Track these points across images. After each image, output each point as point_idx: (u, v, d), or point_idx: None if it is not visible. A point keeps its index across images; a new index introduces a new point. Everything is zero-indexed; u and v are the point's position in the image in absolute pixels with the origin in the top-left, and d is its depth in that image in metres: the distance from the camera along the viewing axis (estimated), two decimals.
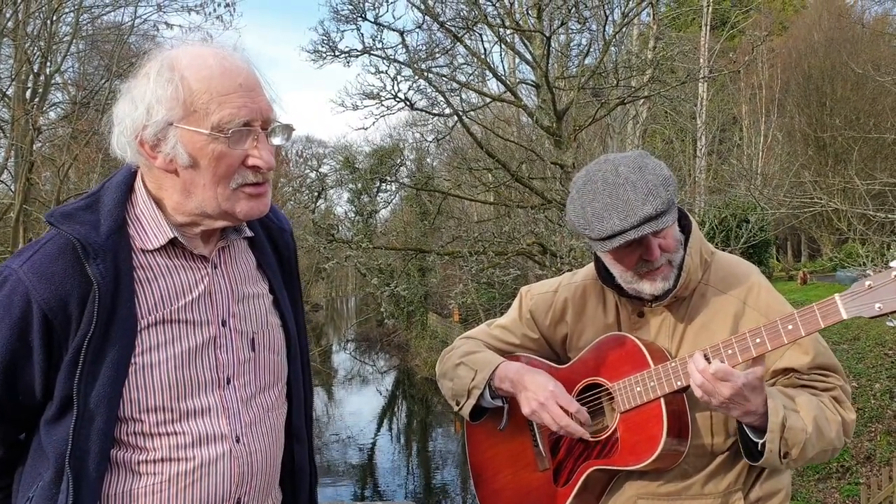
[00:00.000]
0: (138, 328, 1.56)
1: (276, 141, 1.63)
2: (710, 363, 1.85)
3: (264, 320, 1.77)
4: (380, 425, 21.28)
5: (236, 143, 1.56)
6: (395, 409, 23.77)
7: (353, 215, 36.69)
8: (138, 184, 1.65)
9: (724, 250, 2.68)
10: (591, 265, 2.24)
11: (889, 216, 11.27)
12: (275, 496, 1.80)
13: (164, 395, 1.58)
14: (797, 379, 2.03)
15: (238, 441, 1.66)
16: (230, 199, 1.60)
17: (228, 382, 1.67)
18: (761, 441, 1.88)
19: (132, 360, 1.55)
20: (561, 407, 2.06)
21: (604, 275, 2.16)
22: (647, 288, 2.02)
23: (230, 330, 1.68)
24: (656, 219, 1.91)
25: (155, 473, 1.58)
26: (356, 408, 22.81)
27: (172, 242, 1.63)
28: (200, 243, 1.68)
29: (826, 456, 2.00)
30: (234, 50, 1.64)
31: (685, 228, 2.10)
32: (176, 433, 1.59)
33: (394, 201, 37.05)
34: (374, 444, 18.93)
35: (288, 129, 1.64)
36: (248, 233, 1.77)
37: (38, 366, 1.53)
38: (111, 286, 1.53)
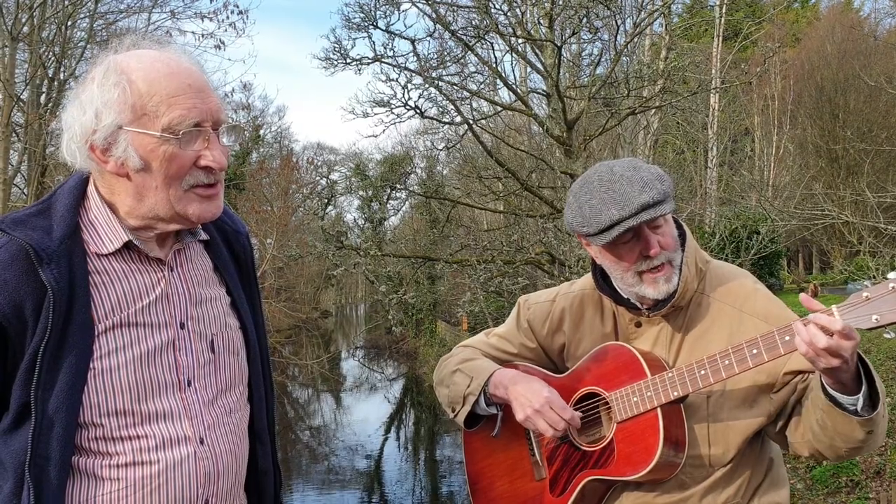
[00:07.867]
0: (96, 333, 1.53)
1: (226, 141, 1.62)
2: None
3: (223, 322, 1.75)
4: (387, 433, 21.23)
5: (187, 144, 1.55)
6: (403, 416, 23.70)
7: (362, 222, 36.84)
8: (91, 189, 1.63)
9: (733, 262, 2.66)
10: (589, 275, 2.24)
11: None
12: (240, 501, 1.78)
13: (124, 398, 1.55)
14: (812, 377, 2.00)
15: (202, 443, 1.64)
16: (182, 200, 1.58)
17: (189, 385, 1.65)
18: (859, 395, 1.77)
19: (91, 365, 1.52)
20: (556, 413, 2.06)
21: (601, 282, 2.16)
22: (651, 292, 2.00)
23: (189, 332, 1.67)
24: (653, 207, 1.92)
25: (119, 479, 1.55)
26: (364, 415, 22.76)
27: (127, 246, 1.61)
28: (156, 246, 1.66)
29: (882, 433, 1.85)
30: (181, 52, 1.63)
31: (681, 238, 2.10)
32: (139, 436, 1.57)
33: (403, 209, 37.21)
34: (381, 451, 18.88)
35: (238, 129, 1.64)
36: (203, 235, 1.76)
37: None
38: (66, 291, 1.50)
